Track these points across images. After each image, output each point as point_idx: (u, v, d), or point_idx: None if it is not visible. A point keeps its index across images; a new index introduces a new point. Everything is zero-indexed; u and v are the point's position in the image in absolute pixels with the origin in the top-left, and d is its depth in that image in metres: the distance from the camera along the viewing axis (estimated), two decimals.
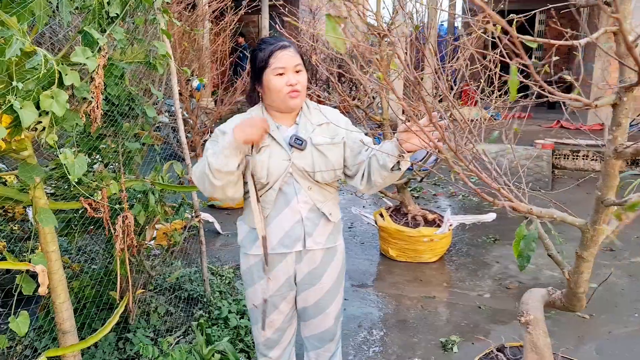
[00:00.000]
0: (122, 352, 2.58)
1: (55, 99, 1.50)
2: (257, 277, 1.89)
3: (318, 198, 1.83)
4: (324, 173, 1.80)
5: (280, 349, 2.01)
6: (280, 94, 1.76)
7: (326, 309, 1.95)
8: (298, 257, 1.87)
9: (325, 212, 1.85)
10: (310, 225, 1.83)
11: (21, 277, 1.63)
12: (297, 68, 1.77)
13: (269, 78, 1.76)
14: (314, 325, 1.99)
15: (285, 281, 1.88)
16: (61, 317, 1.95)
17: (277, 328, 1.96)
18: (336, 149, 1.83)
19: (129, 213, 2.27)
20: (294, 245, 1.83)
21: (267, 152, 1.77)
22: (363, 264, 4.07)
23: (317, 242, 1.85)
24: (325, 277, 1.91)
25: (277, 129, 1.82)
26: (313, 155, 1.79)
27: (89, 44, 1.72)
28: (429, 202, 5.79)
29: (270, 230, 1.82)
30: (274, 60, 1.74)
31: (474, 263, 4.06)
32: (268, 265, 1.84)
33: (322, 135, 1.83)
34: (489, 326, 3.08)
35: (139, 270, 2.71)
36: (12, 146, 1.55)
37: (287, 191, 1.80)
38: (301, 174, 1.80)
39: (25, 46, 1.40)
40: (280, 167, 1.77)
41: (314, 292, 1.91)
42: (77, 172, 1.65)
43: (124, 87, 2.35)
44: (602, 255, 4.14)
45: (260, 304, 1.91)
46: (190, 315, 2.97)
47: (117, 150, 2.42)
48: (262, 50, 1.78)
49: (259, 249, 1.85)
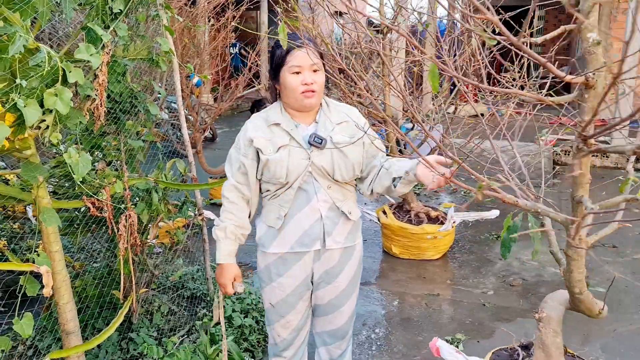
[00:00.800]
0: (126, 352, 2.56)
1: (59, 97, 1.47)
2: (275, 276, 1.88)
3: (337, 197, 1.82)
4: (344, 172, 1.79)
5: (295, 348, 2.00)
6: (295, 92, 1.75)
7: (341, 307, 1.94)
8: (316, 255, 1.85)
9: (344, 211, 1.84)
10: (330, 224, 1.82)
11: (25, 278, 1.60)
12: (314, 67, 1.75)
13: (285, 76, 1.76)
14: (327, 321, 1.98)
15: (302, 280, 1.87)
16: (65, 317, 1.92)
17: (294, 328, 1.95)
18: (356, 148, 1.81)
19: (133, 212, 2.24)
20: (312, 244, 1.82)
21: (287, 151, 1.76)
22: (366, 262, 4.04)
23: (336, 241, 1.84)
24: (342, 276, 1.90)
25: (295, 128, 1.80)
26: (333, 154, 1.77)
27: (93, 40, 1.69)
28: (431, 198, 5.77)
29: (289, 229, 1.81)
30: (290, 58, 1.74)
31: (477, 260, 4.04)
32: (285, 265, 1.84)
33: (342, 134, 1.81)
34: (493, 324, 3.06)
35: (142, 269, 2.69)
36: (16, 145, 1.52)
37: (307, 190, 1.79)
38: (321, 172, 1.78)
39: (29, 43, 1.37)
40: (299, 166, 1.76)
41: (329, 291, 1.90)
42: (82, 171, 1.62)
43: (126, 84, 2.32)
44: (604, 252, 4.13)
45: (277, 302, 1.90)
46: (194, 315, 2.95)
47: (119, 148, 2.39)
48: (280, 48, 1.76)
49: (277, 247, 1.84)
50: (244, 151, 1.82)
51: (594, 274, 3.72)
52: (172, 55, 2.36)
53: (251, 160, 1.81)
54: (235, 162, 1.85)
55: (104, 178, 2.18)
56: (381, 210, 4.26)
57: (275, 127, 1.80)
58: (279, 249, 1.84)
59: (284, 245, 1.83)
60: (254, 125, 1.83)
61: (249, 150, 1.80)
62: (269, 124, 1.81)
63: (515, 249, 4.26)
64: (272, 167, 1.75)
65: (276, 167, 1.74)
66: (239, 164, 1.83)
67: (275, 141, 1.77)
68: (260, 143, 1.77)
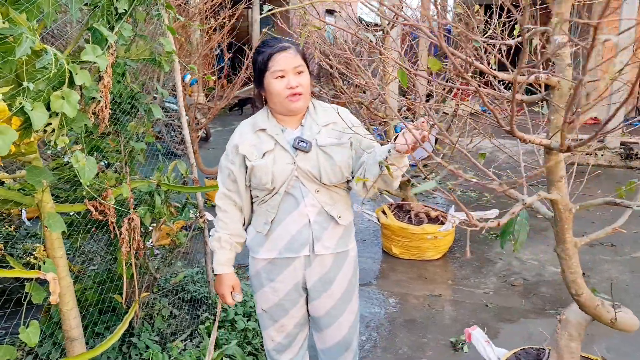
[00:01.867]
0: (127, 356, 2.52)
1: (66, 100, 1.43)
2: (266, 281, 1.86)
3: (326, 201, 1.78)
4: (331, 175, 1.75)
5: (292, 352, 1.96)
6: (280, 97, 1.73)
7: (339, 317, 1.90)
8: (307, 261, 1.82)
9: (334, 215, 1.79)
10: (319, 229, 1.78)
11: (31, 285, 1.56)
12: (299, 69, 1.73)
13: (269, 81, 1.73)
14: (328, 336, 1.93)
15: (293, 286, 1.84)
16: (69, 324, 1.88)
17: (288, 333, 1.92)
18: (343, 150, 1.77)
19: (135, 215, 2.20)
20: (301, 250, 1.79)
21: (272, 157, 1.74)
22: (366, 262, 4.03)
23: (326, 246, 1.80)
24: (336, 283, 1.86)
25: (281, 132, 1.78)
26: (319, 157, 1.74)
27: (98, 41, 1.65)
28: (428, 198, 5.76)
29: (276, 235, 1.79)
30: (272, 63, 1.71)
31: (478, 260, 4.04)
32: (275, 270, 1.82)
33: (329, 136, 1.78)
34: (497, 325, 3.06)
35: (144, 273, 2.65)
36: (22, 149, 1.47)
37: (294, 194, 1.76)
38: (307, 176, 1.75)
39: (36, 44, 1.32)
40: (285, 171, 1.73)
41: (325, 301, 1.86)
42: (88, 175, 1.58)
43: (126, 85, 2.28)
44: (602, 250, 4.15)
45: (269, 308, 1.87)
46: (196, 318, 2.91)
47: (119, 150, 2.34)
48: (261, 54, 1.75)
49: (266, 253, 1.82)
50: (232, 158, 1.82)
51: (593, 273, 3.73)
52: (174, 55, 2.32)
53: (239, 167, 1.80)
54: (225, 170, 1.85)
55: (105, 181, 2.13)
56: (381, 210, 4.24)
57: (261, 133, 1.79)
58: (268, 255, 1.83)
59: (272, 250, 1.82)
60: (240, 132, 1.83)
61: (236, 158, 1.80)
62: (255, 130, 1.80)
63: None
64: (258, 173, 1.74)
65: (262, 172, 1.73)
66: (227, 171, 1.84)
67: (261, 147, 1.76)
68: (245, 149, 1.77)
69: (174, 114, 6.36)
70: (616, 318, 1.65)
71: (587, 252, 4.09)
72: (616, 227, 1.56)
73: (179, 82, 2.73)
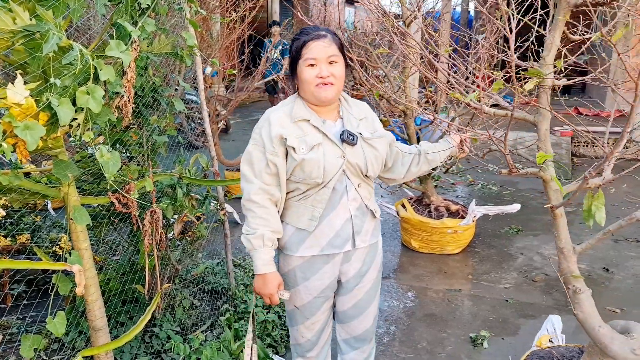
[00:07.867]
0: (149, 346, 2.56)
1: (91, 95, 1.44)
2: (301, 279, 1.81)
3: (365, 195, 1.80)
4: (375, 167, 1.77)
5: (319, 347, 1.97)
6: (310, 85, 1.70)
7: (367, 309, 1.91)
8: (346, 257, 1.81)
9: (371, 209, 1.82)
10: (359, 223, 1.79)
11: (57, 276, 1.60)
12: (332, 59, 1.70)
13: (301, 69, 1.72)
14: (353, 327, 1.93)
15: (330, 283, 1.83)
16: (93, 315, 1.92)
17: (318, 329, 1.92)
18: (383, 141, 1.80)
19: (158, 208, 2.23)
20: (344, 245, 1.78)
21: (321, 150, 1.69)
22: (385, 256, 4.02)
23: (364, 240, 1.82)
24: (368, 275, 1.87)
25: (323, 124, 1.74)
26: (364, 150, 1.74)
27: (122, 36, 1.66)
28: (448, 191, 5.72)
29: (321, 230, 1.75)
30: (306, 50, 1.69)
31: (498, 254, 4.00)
32: (313, 267, 1.81)
33: (367, 129, 1.79)
34: (518, 321, 3.03)
35: (165, 264, 2.68)
36: (49, 144, 1.50)
37: (338, 189, 1.74)
38: (354, 170, 1.74)
39: (62, 41, 1.34)
40: (335, 165, 1.70)
41: (356, 292, 1.87)
42: (112, 169, 1.60)
43: (148, 78, 2.30)
44: (627, 246, 4.07)
45: (302, 306, 1.86)
46: (216, 309, 2.94)
47: (141, 143, 2.37)
48: (297, 41, 1.74)
49: (305, 250, 1.77)
50: (273, 149, 1.68)
51: (619, 269, 3.66)
52: (196, 49, 2.33)
53: (282, 159, 1.70)
54: (260, 162, 1.71)
55: (127, 174, 2.16)
56: (400, 203, 4.22)
57: (303, 124, 1.72)
58: (308, 252, 1.77)
59: (313, 247, 1.76)
60: (279, 121, 1.71)
61: (280, 149, 1.69)
62: (295, 120, 1.71)
63: (536, 243, 4.21)
64: (308, 168, 1.66)
65: (312, 167, 1.66)
66: (265, 163, 1.70)
67: (307, 139, 1.69)
68: (294, 141, 1.67)
69: (195, 106, 6.41)
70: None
71: (612, 248, 4.02)
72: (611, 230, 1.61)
73: (200, 75, 2.75)
